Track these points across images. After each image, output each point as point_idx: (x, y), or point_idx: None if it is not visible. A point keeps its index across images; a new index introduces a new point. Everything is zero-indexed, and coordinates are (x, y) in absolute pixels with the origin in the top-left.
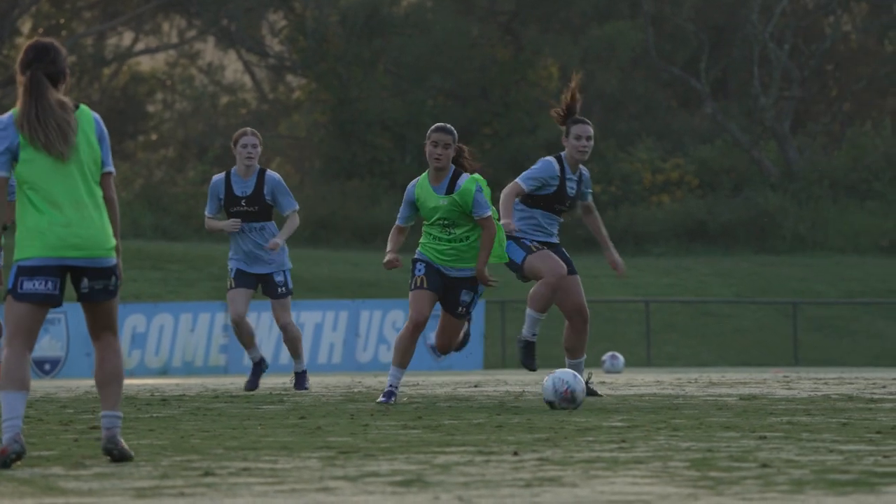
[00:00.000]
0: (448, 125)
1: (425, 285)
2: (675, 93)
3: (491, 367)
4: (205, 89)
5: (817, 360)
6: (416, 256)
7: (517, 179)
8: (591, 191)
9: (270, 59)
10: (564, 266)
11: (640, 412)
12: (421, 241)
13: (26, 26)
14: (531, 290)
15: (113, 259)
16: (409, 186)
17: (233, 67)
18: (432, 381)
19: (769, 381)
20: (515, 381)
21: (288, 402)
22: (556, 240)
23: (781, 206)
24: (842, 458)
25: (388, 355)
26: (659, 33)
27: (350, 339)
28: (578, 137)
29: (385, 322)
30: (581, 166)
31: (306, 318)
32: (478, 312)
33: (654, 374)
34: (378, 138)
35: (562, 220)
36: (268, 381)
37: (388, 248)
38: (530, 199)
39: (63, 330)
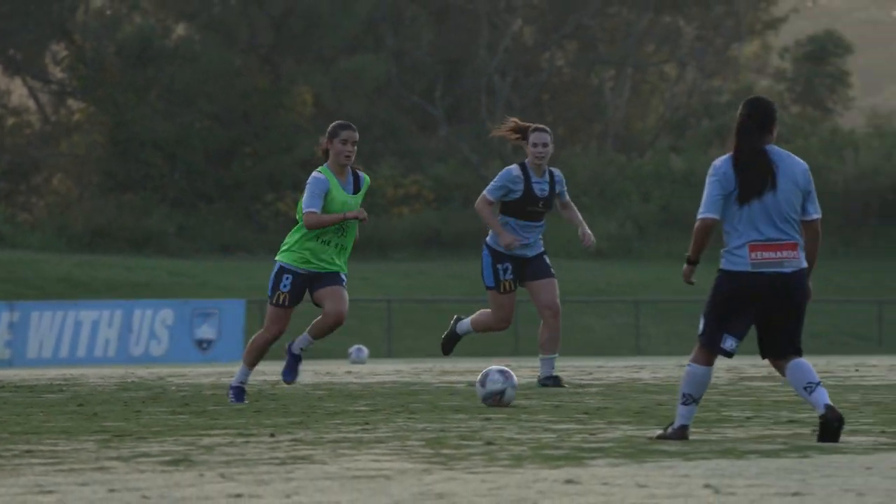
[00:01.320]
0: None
1: (288, 303)
2: (415, 118)
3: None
4: None
5: (534, 351)
6: (285, 266)
7: (483, 192)
8: (565, 189)
9: (53, 84)
10: (510, 319)
11: (382, 397)
12: (294, 248)
13: None
14: (480, 312)
15: None
16: (321, 177)
17: (18, 92)
18: (197, 371)
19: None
20: (273, 371)
21: (68, 391)
22: (533, 251)
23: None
24: (555, 436)
25: (158, 349)
26: (400, 65)
27: (124, 335)
28: (535, 144)
29: (156, 320)
30: (553, 169)
31: (85, 316)
32: (239, 309)
33: (395, 364)
34: (150, 156)
35: (540, 223)
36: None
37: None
38: (504, 208)
39: None
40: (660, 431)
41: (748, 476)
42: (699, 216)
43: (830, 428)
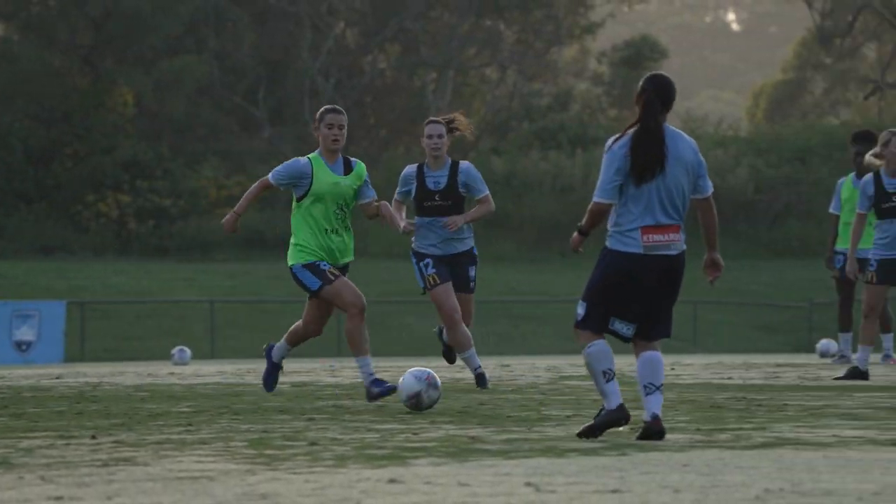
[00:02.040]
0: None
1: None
2: (237, 119)
3: (72, 360)
4: None
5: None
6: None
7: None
8: (478, 185)
9: None
10: (456, 308)
11: (205, 399)
12: (302, 239)
13: None
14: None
15: None
16: (299, 159)
17: None
18: (17, 373)
19: (318, 370)
20: (94, 373)
21: None
22: (452, 249)
23: None
24: (378, 435)
25: None
26: (222, 66)
27: None
28: (430, 136)
29: None
30: (462, 162)
31: None
32: (59, 311)
33: (218, 365)
34: None
35: (445, 221)
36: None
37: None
38: (415, 209)
39: None
40: (588, 424)
41: (568, 474)
42: (595, 199)
43: (650, 436)
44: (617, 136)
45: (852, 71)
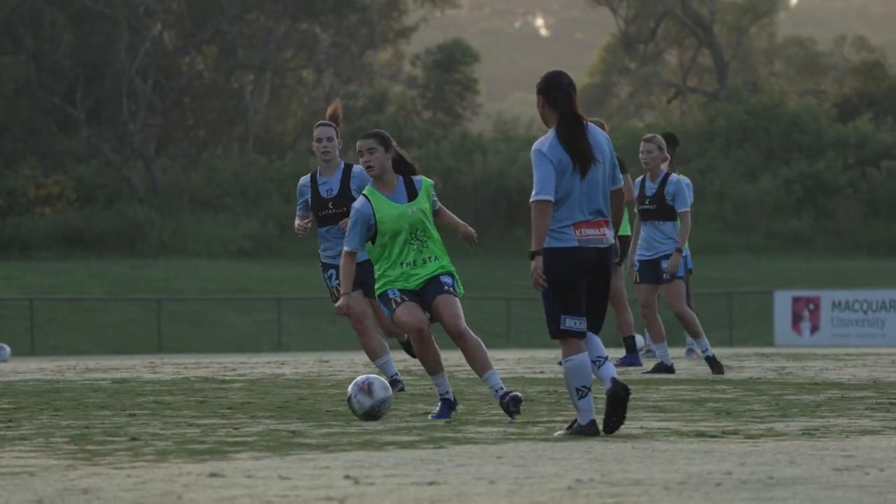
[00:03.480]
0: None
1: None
2: (56, 119)
3: None
4: None
5: (179, 348)
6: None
7: None
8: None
9: None
10: (368, 312)
11: (26, 395)
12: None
13: None
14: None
15: None
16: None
17: None
18: None
19: (138, 367)
20: None
21: None
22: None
23: (148, 217)
24: (199, 430)
25: None
26: (40, 67)
27: None
28: (319, 140)
29: None
30: (356, 166)
31: None
32: None
33: (38, 362)
34: None
35: (339, 227)
36: None
37: None
38: (314, 219)
39: None
40: (561, 432)
41: (386, 466)
42: (537, 197)
43: (618, 397)
44: (541, 139)
45: (655, 75)
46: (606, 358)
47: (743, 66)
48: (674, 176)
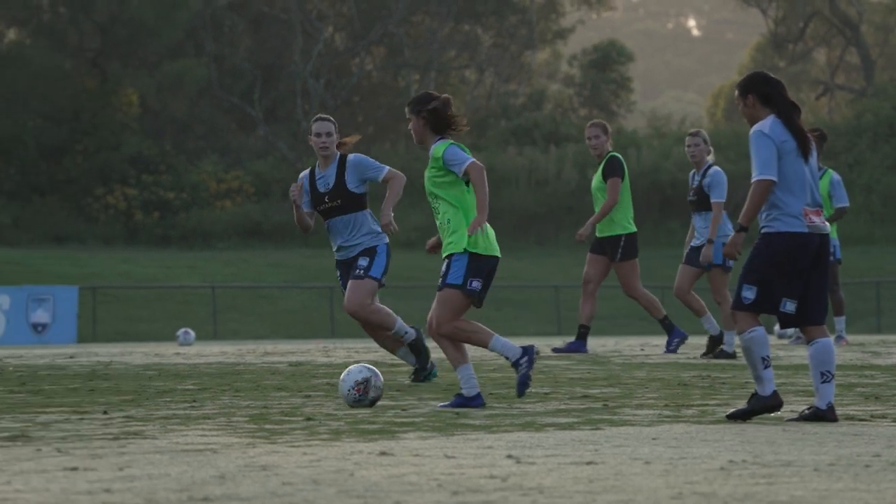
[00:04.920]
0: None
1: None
2: (235, 118)
3: (84, 342)
4: None
5: (350, 333)
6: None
7: None
8: (373, 174)
9: None
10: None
11: (209, 377)
12: None
13: None
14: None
15: None
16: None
17: None
18: (33, 353)
19: (312, 351)
20: (105, 353)
21: None
22: (350, 253)
23: None
24: (370, 411)
25: None
26: (220, 69)
27: None
28: (318, 135)
29: None
30: (351, 155)
31: None
32: (72, 295)
33: (220, 346)
34: None
35: (344, 217)
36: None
37: None
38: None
39: None
40: (742, 408)
41: (546, 447)
42: (760, 177)
43: (817, 419)
44: (760, 123)
45: (804, 73)
46: (833, 376)
47: (890, 64)
48: (714, 168)
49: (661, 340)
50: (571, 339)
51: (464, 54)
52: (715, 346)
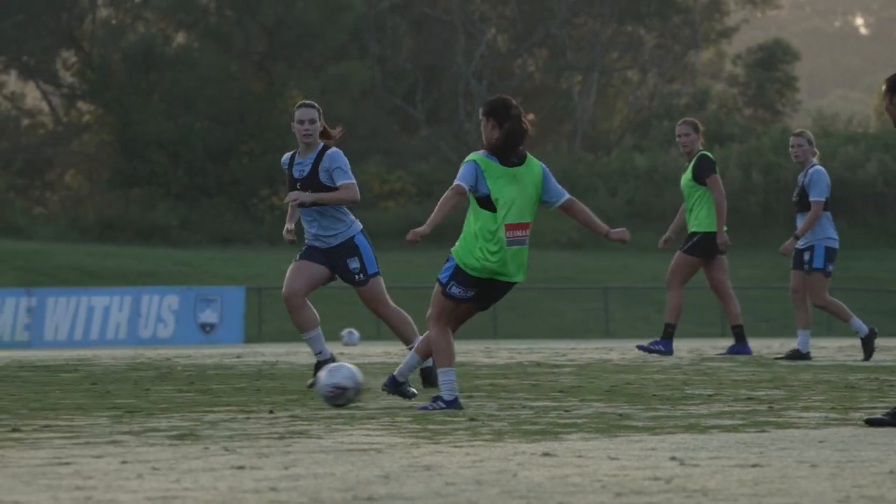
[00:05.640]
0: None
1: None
2: (398, 119)
3: (251, 342)
4: (8, 113)
5: (512, 333)
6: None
7: None
8: (341, 169)
9: (64, 88)
10: (299, 285)
11: (373, 377)
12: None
13: None
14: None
15: None
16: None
17: (32, 95)
18: (201, 353)
19: (474, 351)
20: (271, 353)
21: (82, 371)
22: (323, 243)
23: None
24: (532, 412)
25: (165, 332)
26: (383, 71)
27: (133, 319)
28: (301, 122)
29: (162, 305)
30: (332, 148)
31: (97, 302)
32: (239, 295)
33: (384, 346)
34: (155, 155)
35: (316, 209)
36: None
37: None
38: None
39: None
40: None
41: (710, 449)
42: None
43: None
44: None
45: None
46: None
47: None
48: (815, 168)
49: (827, 343)
50: (731, 341)
51: (627, 55)
52: (868, 346)
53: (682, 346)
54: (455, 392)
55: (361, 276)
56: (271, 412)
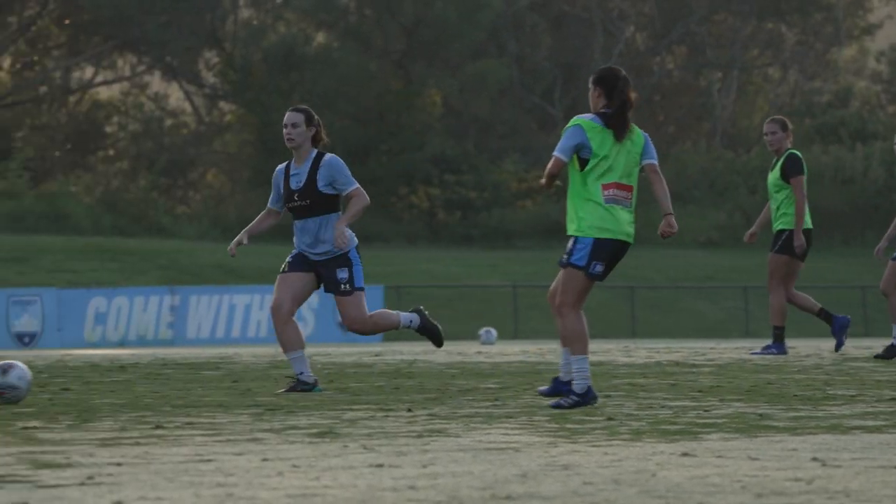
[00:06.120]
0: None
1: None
2: (535, 117)
3: (389, 340)
4: (152, 113)
5: (651, 333)
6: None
7: None
8: (341, 177)
9: (206, 88)
10: (284, 302)
11: (510, 376)
12: None
13: (6, 62)
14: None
15: None
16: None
17: (175, 95)
18: (340, 351)
19: (613, 351)
20: (409, 351)
21: (223, 368)
22: (316, 252)
23: None
24: (671, 412)
25: (305, 330)
26: (521, 69)
27: None
28: (285, 125)
29: (304, 304)
30: (327, 155)
31: (238, 300)
32: (377, 294)
33: (521, 345)
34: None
35: (312, 219)
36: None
37: None
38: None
39: (39, 309)
40: None
41: (853, 450)
42: None
43: None
44: None
45: None
46: None
47: None
48: None
49: None
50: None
51: (767, 52)
52: None
53: (825, 346)
54: (588, 380)
55: (348, 286)
56: (409, 410)
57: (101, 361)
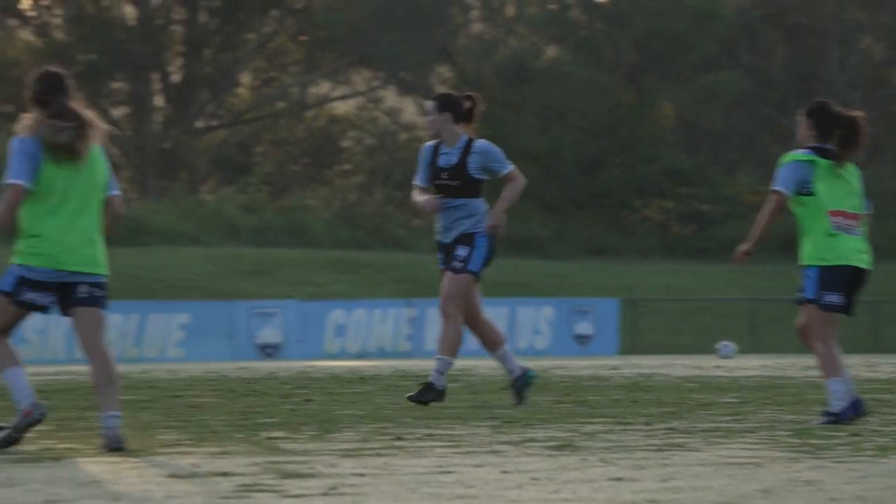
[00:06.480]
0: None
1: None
2: (769, 129)
3: (626, 353)
4: (387, 128)
5: (894, 348)
6: None
7: None
8: (496, 164)
9: None
10: (475, 306)
11: (750, 390)
12: None
13: (246, 79)
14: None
15: None
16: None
17: (409, 110)
18: (576, 364)
19: (856, 365)
20: (646, 364)
21: (461, 381)
22: (449, 236)
23: None
24: None
25: (541, 343)
26: (755, 80)
27: (509, 331)
28: (426, 114)
29: (538, 316)
30: (478, 141)
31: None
32: (613, 307)
33: (760, 359)
34: (527, 167)
35: (456, 203)
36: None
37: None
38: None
39: (281, 321)
40: None
41: None
42: None
43: None
44: None
45: None
46: None
47: None
48: None
49: None
50: None
51: None
52: None
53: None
54: (843, 402)
55: (462, 264)
56: (648, 424)
57: (342, 373)
